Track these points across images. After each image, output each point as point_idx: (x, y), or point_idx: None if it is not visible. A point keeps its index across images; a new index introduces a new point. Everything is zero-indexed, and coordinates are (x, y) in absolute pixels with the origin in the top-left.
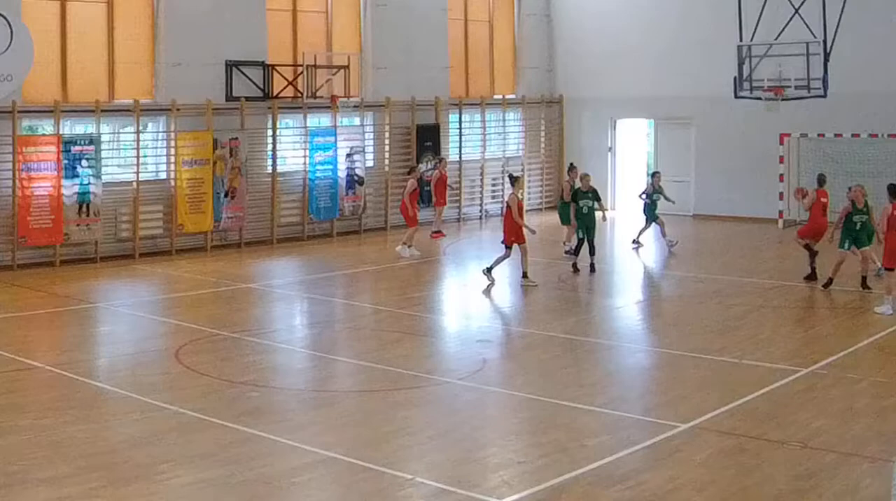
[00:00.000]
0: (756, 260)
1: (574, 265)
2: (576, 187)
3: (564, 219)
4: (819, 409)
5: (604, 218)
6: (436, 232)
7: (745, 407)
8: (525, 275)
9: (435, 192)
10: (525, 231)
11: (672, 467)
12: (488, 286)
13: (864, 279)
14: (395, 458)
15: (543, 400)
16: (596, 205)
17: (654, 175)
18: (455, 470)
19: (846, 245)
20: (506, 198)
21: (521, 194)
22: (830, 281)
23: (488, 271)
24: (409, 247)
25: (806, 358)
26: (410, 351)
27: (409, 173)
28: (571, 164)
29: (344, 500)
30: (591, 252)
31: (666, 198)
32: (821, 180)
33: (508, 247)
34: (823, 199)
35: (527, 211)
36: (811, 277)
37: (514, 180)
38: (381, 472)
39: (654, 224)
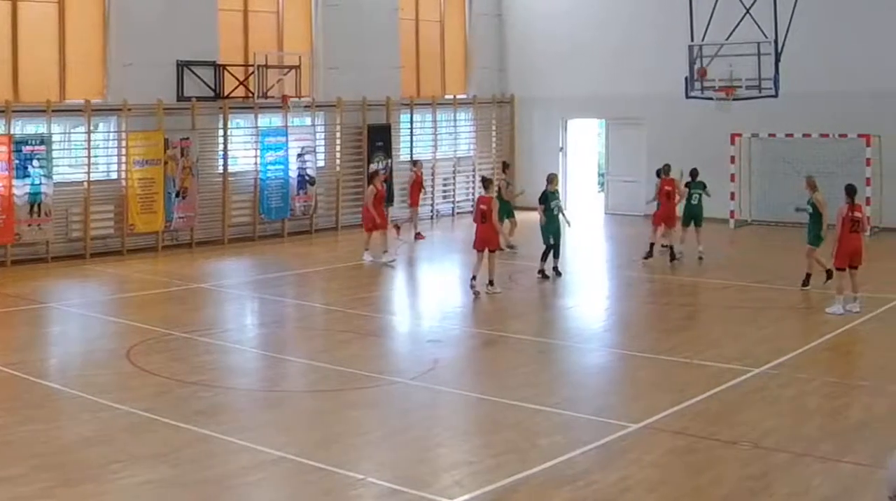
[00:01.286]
0: (707, 259)
1: (542, 271)
2: (503, 193)
3: (500, 217)
4: (770, 409)
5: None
6: (416, 233)
7: (697, 407)
8: (491, 283)
9: (410, 194)
10: (501, 239)
11: (623, 467)
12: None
13: (807, 277)
14: (347, 458)
15: (495, 399)
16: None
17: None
18: (406, 470)
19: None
20: (490, 204)
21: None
22: (809, 277)
23: (490, 283)
24: (385, 251)
25: (757, 358)
26: (362, 350)
27: (370, 181)
28: (505, 163)
29: (295, 500)
30: (556, 255)
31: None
32: (666, 169)
33: (480, 252)
34: (668, 187)
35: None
36: (649, 256)
37: (487, 183)
38: (333, 472)
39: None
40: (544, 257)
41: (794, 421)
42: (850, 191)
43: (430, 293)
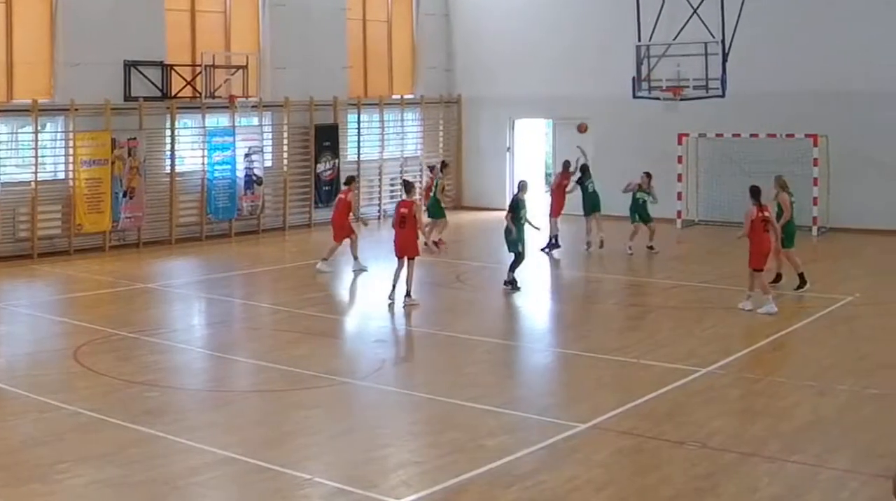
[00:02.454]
0: (654, 260)
1: (512, 282)
2: (436, 191)
3: (435, 213)
4: (717, 409)
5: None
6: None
7: (644, 408)
8: (408, 294)
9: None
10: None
11: (571, 467)
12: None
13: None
14: (294, 458)
15: (442, 400)
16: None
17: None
18: (353, 470)
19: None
20: (411, 209)
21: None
22: (780, 277)
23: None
24: (356, 258)
25: (704, 358)
26: (309, 351)
27: (347, 186)
28: (444, 162)
29: (242, 500)
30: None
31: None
32: (566, 165)
33: (401, 259)
34: (564, 181)
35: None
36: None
37: (408, 187)
38: (280, 472)
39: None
40: (513, 267)
41: (741, 421)
42: (755, 192)
43: (378, 293)
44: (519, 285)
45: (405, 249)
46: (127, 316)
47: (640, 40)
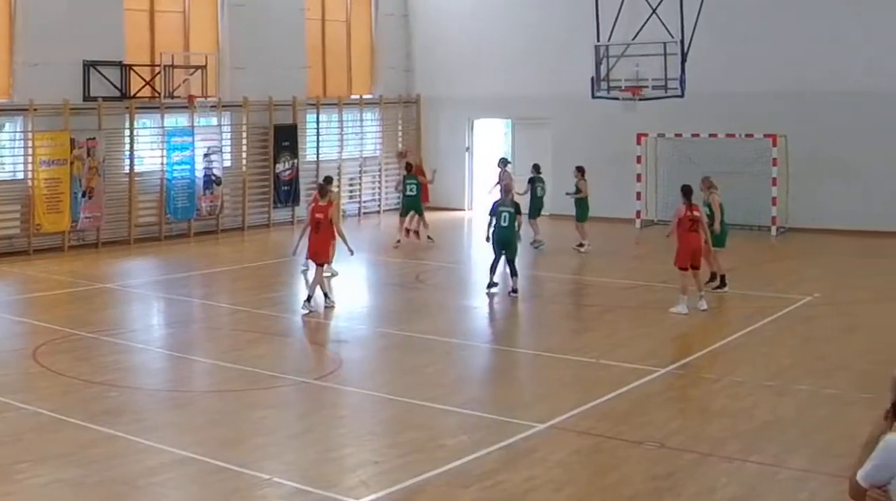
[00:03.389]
0: (613, 260)
1: (490, 284)
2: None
3: (419, 211)
4: (676, 409)
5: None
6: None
7: (603, 408)
8: (309, 300)
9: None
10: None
11: (530, 467)
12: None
13: (715, 276)
14: (253, 458)
15: (401, 399)
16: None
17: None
18: (312, 470)
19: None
20: (327, 213)
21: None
22: (714, 276)
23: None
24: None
25: (663, 358)
26: (268, 350)
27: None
28: (407, 162)
29: (201, 500)
30: (513, 273)
31: (567, 194)
32: (503, 162)
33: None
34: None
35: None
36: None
37: (323, 191)
38: (239, 472)
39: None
40: (492, 269)
41: (700, 421)
42: (686, 191)
43: (336, 293)
44: (495, 292)
45: (317, 254)
46: (86, 316)
47: (598, 40)
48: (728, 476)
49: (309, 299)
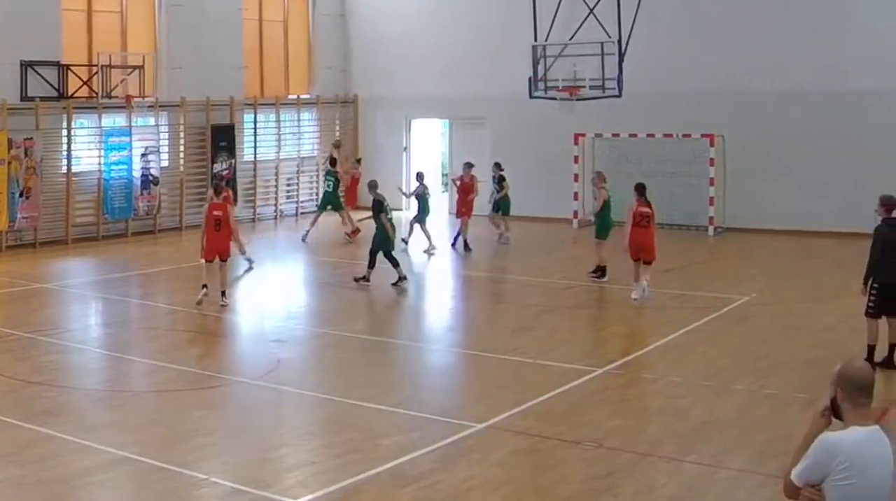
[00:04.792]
0: (551, 260)
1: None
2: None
3: (337, 206)
4: (614, 409)
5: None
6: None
7: (541, 407)
8: (223, 294)
9: (348, 193)
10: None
11: (467, 467)
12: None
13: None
14: (190, 458)
15: (338, 399)
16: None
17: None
18: (250, 470)
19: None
20: (226, 211)
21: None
22: (599, 268)
23: (222, 294)
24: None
25: (601, 357)
26: (205, 350)
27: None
28: (331, 156)
29: (139, 500)
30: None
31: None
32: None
33: (210, 262)
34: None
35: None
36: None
37: (218, 189)
38: (177, 472)
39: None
40: (370, 264)
41: (638, 421)
42: (640, 188)
43: (273, 293)
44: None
45: (220, 251)
46: (23, 316)
47: (536, 40)
48: (666, 476)
49: (224, 293)
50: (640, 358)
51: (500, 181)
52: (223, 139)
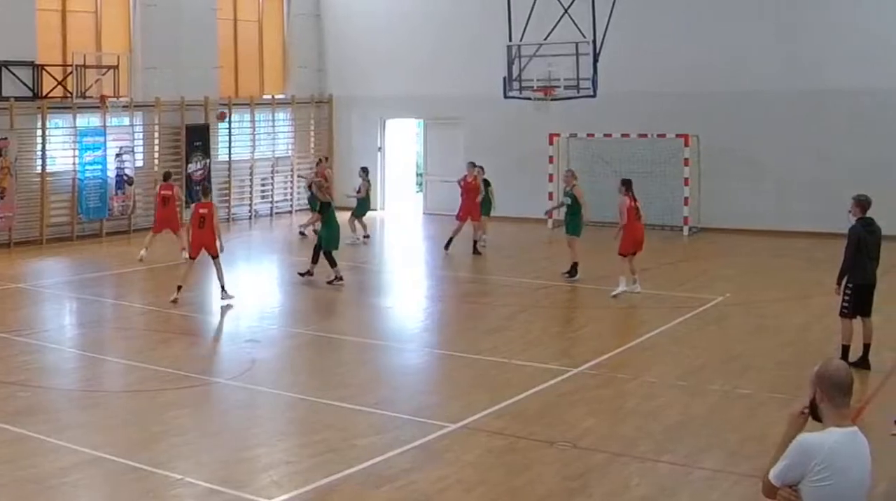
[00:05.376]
0: (525, 260)
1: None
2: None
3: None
4: (588, 409)
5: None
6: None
7: (515, 408)
8: (223, 289)
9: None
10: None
11: (442, 467)
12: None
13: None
14: (165, 458)
15: (313, 400)
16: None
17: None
18: (224, 470)
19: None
20: (210, 209)
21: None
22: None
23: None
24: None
25: (575, 357)
26: (180, 351)
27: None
28: (325, 158)
29: (114, 500)
30: (315, 261)
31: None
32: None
33: (194, 260)
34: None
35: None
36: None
37: (205, 190)
38: (151, 472)
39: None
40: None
41: (612, 421)
42: (628, 183)
43: (248, 293)
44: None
45: (206, 246)
46: None
47: (511, 40)
48: (640, 476)
49: (223, 288)
50: (614, 358)
51: (485, 183)
52: (198, 139)
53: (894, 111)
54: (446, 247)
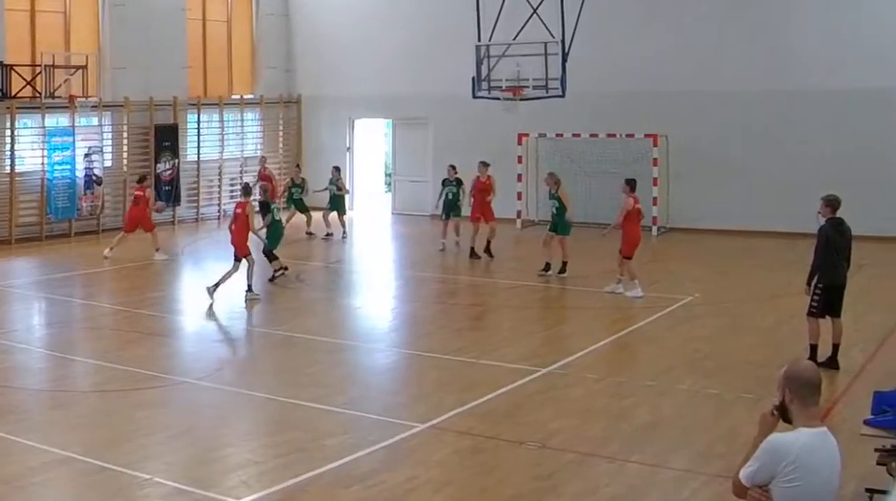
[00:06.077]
0: (495, 260)
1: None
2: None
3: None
4: (558, 409)
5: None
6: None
7: (484, 408)
8: (250, 289)
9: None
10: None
11: (410, 467)
12: (209, 306)
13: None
14: (134, 458)
15: (282, 400)
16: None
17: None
18: (193, 470)
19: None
20: (244, 209)
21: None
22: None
23: (214, 288)
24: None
25: (544, 357)
26: (149, 351)
27: (141, 184)
28: (264, 158)
29: (82, 500)
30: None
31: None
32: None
33: (238, 260)
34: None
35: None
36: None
37: (247, 189)
38: (120, 472)
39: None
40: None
41: (581, 421)
42: (632, 183)
43: (217, 293)
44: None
45: (236, 247)
46: None
47: (479, 40)
48: (609, 477)
49: (250, 288)
50: (583, 358)
51: (457, 184)
52: (166, 139)
53: (864, 111)
54: (476, 254)
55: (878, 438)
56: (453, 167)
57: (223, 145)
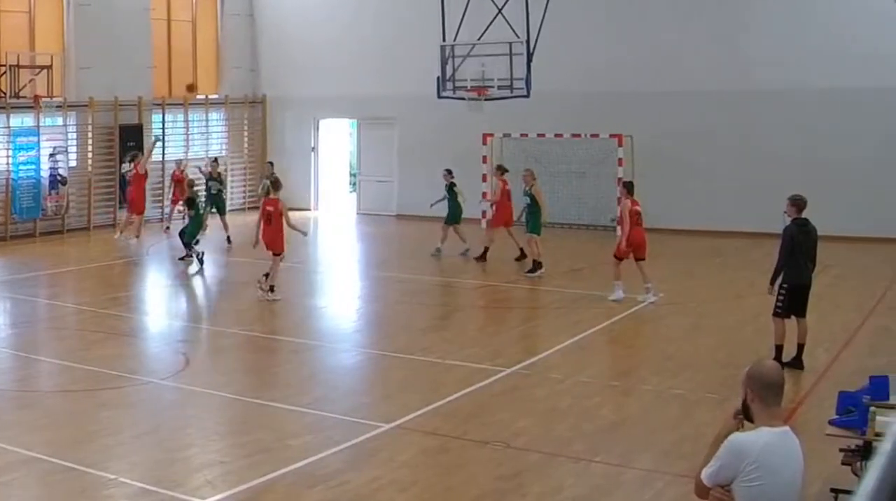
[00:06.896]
0: (460, 260)
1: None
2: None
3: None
4: (522, 409)
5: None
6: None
7: (448, 408)
8: (272, 289)
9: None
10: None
11: (375, 467)
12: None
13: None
14: (98, 458)
15: (246, 400)
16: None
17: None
18: (158, 470)
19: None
20: (277, 206)
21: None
22: (533, 262)
23: (270, 289)
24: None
25: (509, 357)
26: (113, 350)
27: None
28: (216, 159)
29: (47, 500)
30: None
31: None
32: (502, 169)
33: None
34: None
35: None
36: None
37: (276, 185)
38: (85, 472)
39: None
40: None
41: (546, 421)
42: (629, 186)
43: (182, 293)
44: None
45: (268, 244)
46: None
47: (444, 40)
48: (574, 477)
49: (272, 289)
50: (548, 358)
51: (450, 188)
52: (131, 139)
53: (828, 111)
54: (518, 259)
55: (843, 438)
56: (449, 171)
57: (188, 145)
